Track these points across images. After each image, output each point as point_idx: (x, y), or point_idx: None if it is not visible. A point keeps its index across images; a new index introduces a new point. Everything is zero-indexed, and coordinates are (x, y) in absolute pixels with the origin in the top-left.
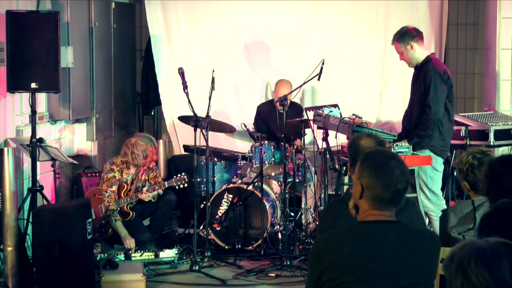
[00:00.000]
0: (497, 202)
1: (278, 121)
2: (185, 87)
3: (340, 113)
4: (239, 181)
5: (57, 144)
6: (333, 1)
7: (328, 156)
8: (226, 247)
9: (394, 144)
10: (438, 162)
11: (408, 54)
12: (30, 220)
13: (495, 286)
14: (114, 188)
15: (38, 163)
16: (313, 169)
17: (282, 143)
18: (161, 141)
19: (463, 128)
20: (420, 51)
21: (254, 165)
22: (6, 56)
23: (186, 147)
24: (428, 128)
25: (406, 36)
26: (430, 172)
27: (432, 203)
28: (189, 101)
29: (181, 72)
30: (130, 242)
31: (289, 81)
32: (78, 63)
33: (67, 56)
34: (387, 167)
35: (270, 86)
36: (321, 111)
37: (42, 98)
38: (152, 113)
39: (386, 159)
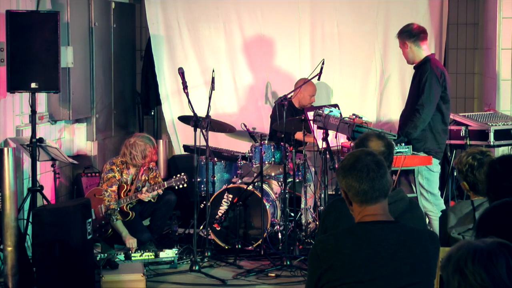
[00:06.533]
0: (494, 202)
1: (278, 120)
2: (185, 87)
3: (340, 113)
4: (239, 181)
5: (57, 144)
6: (333, 1)
7: (328, 156)
8: (226, 247)
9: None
10: (434, 163)
11: (404, 51)
12: (30, 220)
13: (492, 285)
14: (114, 188)
15: (38, 163)
16: (313, 169)
17: (282, 143)
18: (161, 141)
19: (463, 128)
20: (417, 51)
21: (254, 165)
22: (6, 56)
23: (186, 147)
24: (417, 127)
25: (404, 34)
26: (426, 174)
27: (430, 203)
28: (189, 101)
29: (181, 72)
30: (132, 242)
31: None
32: (78, 63)
33: (67, 56)
34: (357, 162)
35: (270, 86)
36: (321, 111)
37: (42, 98)
38: (152, 113)
39: (354, 157)
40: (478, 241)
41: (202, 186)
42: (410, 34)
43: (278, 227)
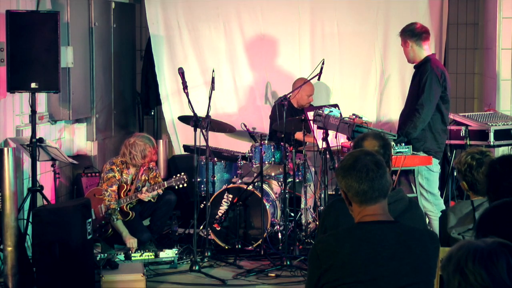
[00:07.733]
0: (494, 202)
1: (278, 120)
2: (185, 87)
3: (340, 113)
4: (239, 181)
5: (57, 144)
6: (333, 1)
7: (328, 156)
8: (226, 247)
9: (394, 144)
10: (434, 163)
11: (405, 50)
12: (30, 220)
13: (492, 285)
14: (114, 187)
15: (38, 163)
16: (313, 169)
17: (282, 143)
18: (161, 141)
19: (463, 128)
20: (417, 51)
21: (254, 165)
22: (6, 56)
23: (186, 147)
24: (417, 127)
25: (406, 33)
26: (426, 174)
27: (430, 203)
28: (189, 101)
29: (181, 72)
30: (132, 242)
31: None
32: (78, 63)
33: (67, 56)
34: (356, 162)
35: (270, 86)
36: (321, 111)
37: (42, 98)
38: (152, 113)
39: (353, 157)
40: (478, 241)
41: (202, 186)
42: (412, 33)
43: (278, 227)
